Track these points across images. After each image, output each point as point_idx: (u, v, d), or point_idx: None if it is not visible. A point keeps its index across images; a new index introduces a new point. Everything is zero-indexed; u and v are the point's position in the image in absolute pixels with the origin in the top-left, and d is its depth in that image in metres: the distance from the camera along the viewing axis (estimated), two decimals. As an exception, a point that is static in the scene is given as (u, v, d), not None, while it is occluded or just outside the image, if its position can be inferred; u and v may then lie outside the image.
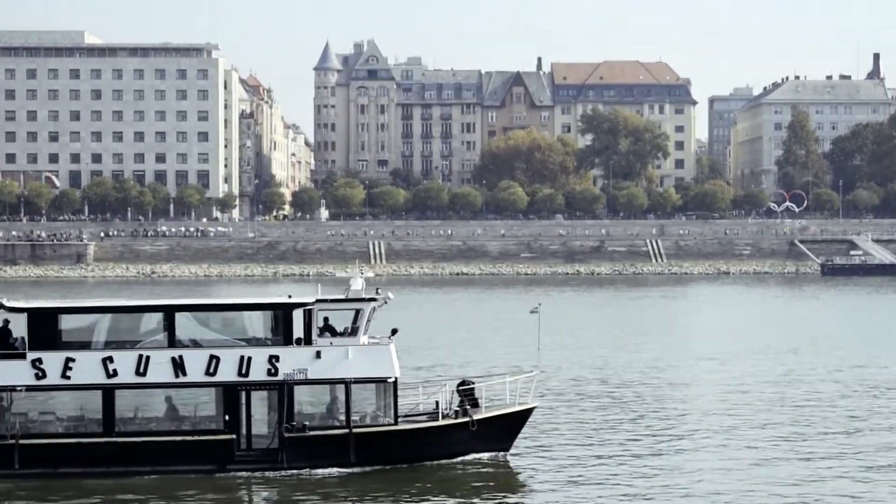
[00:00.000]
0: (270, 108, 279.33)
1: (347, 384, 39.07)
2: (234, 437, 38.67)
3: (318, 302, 39.63)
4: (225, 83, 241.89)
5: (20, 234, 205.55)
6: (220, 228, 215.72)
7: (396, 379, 39.51)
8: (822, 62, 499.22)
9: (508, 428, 40.77)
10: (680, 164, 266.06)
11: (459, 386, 40.92)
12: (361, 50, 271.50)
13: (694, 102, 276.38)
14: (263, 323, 40.55)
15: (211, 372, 38.90)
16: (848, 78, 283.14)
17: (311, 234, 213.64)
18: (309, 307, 39.62)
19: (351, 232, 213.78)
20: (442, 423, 40.05)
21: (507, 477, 39.17)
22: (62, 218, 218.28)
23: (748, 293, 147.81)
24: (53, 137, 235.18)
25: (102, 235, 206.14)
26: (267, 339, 39.99)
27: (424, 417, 40.67)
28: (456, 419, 40.14)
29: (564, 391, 57.47)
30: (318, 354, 39.18)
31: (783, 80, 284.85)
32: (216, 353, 39.01)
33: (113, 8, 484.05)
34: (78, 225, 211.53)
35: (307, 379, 39.08)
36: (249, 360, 38.90)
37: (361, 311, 39.80)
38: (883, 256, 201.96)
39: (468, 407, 40.25)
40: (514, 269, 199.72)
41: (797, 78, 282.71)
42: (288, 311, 39.71)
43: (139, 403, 39.46)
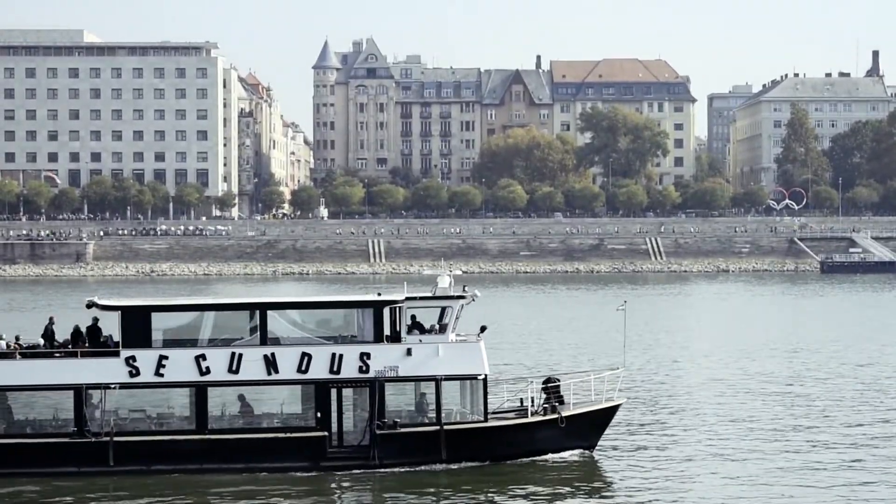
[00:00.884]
0: (269, 106, 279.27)
1: (438, 381, 39.17)
2: (325, 434, 38.78)
3: (407, 300, 39.80)
4: (224, 82, 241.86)
5: (19, 233, 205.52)
6: (219, 227, 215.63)
7: (486, 376, 39.61)
8: (821, 59, 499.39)
9: (595, 425, 40.94)
10: (679, 161, 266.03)
11: (545, 383, 41.06)
12: (360, 48, 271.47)
13: (693, 100, 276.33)
14: (354, 320, 40.50)
15: (303, 369, 39.03)
16: (847, 75, 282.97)
17: (310, 232, 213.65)
18: (398, 305, 39.83)
19: (350, 230, 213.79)
20: (531, 419, 40.15)
21: (594, 474, 39.29)
22: (61, 217, 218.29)
23: (771, 292, 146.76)
24: (53, 136, 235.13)
25: (102, 234, 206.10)
26: (358, 336, 40.06)
27: (512, 414, 40.85)
28: (544, 416, 40.25)
29: (646, 388, 57.37)
30: (408, 352, 39.34)
31: (782, 77, 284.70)
32: (308, 350, 39.14)
33: (112, 7, 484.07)
34: (77, 224, 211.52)
35: (398, 376, 39.25)
36: (341, 357, 39.11)
37: (450, 308, 39.93)
38: (882, 254, 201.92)
39: (556, 404, 40.49)
40: (513, 267, 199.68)
41: (796, 75, 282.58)
42: (379, 308, 39.79)
43: (231, 401, 39.63)
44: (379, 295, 40.57)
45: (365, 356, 39.10)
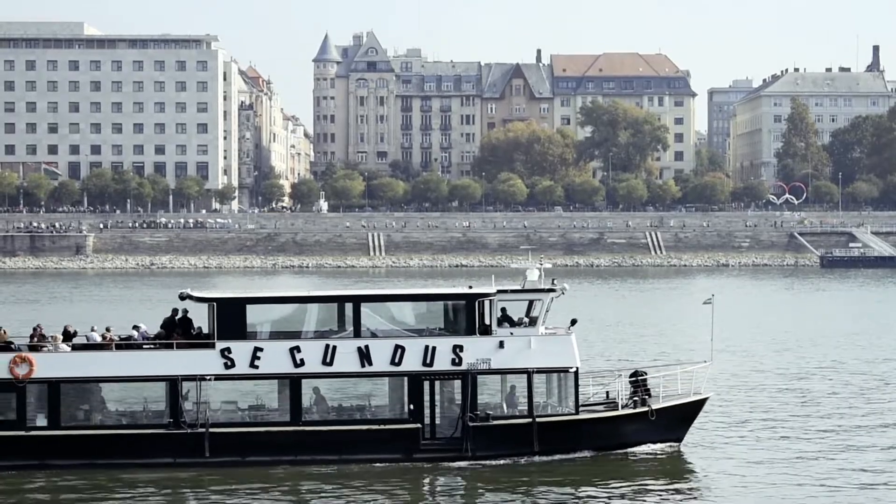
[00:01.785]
0: (270, 99, 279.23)
1: (530, 374, 39.39)
2: (419, 426, 39.02)
3: (499, 292, 40.03)
4: (224, 75, 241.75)
5: (19, 225, 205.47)
6: (219, 220, 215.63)
7: (577, 369, 39.93)
8: (821, 54, 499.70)
9: (683, 418, 41.23)
10: (679, 156, 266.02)
11: (632, 376, 41.36)
12: (361, 42, 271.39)
13: (693, 94, 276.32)
14: (447, 313, 40.74)
15: (396, 362, 39.24)
16: (847, 70, 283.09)
17: (310, 225, 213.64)
18: (490, 297, 39.96)
19: (350, 224, 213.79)
20: (622, 412, 40.50)
21: (682, 466, 39.53)
22: (61, 209, 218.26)
23: (800, 286, 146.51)
24: (53, 129, 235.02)
25: (101, 227, 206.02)
26: (450, 329, 40.29)
27: (601, 407, 41.16)
28: (635, 409, 40.60)
29: (729, 381, 57.38)
30: (501, 344, 39.49)
31: (783, 72, 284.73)
32: (401, 342, 39.38)
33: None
34: (77, 216, 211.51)
35: (490, 369, 39.42)
36: (434, 349, 39.28)
37: (541, 301, 40.18)
38: (882, 249, 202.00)
39: (646, 397, 40.78)
40: (513, 260, 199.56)
41: (797, 70, 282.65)
42: (471, 301, 39.98)
43: (325, 393, 39.84)
44: (470, 288, 40.90)
45: (458, 349, 39.30)
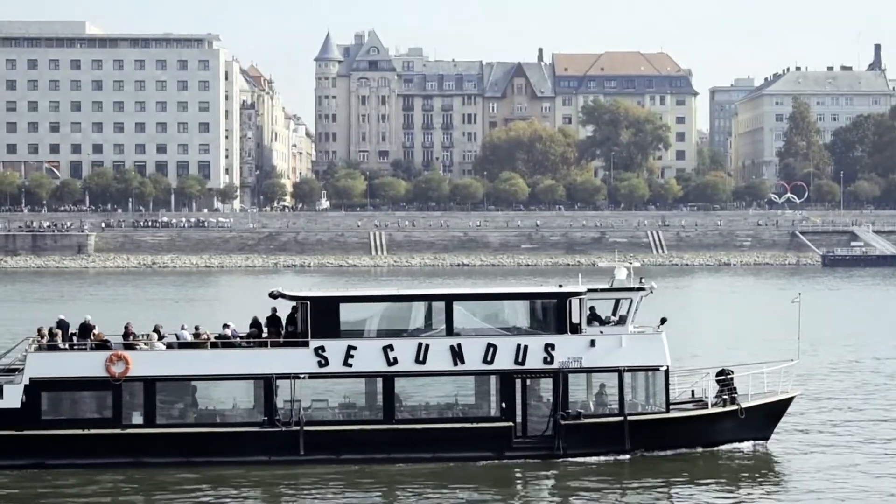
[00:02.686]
0: (271, 98, 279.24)
1: (621, 372, 39.67)
2: (511, 424, 39.19)
3: (589, 291, 40.31)
4: (226, 74, 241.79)
5: (21, 224, 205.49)
6: (221, 219, 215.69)
7: (668, 367, 40.06)
8: (823, 53, 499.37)
9: (771, 416, 41.48)
10: (681, 155, 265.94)
11: (718, 375, 41.51)
12: (362, 41, 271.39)
13: (695, 93, 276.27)
14: (538, 312, 40.96)
15: (488, 360, 39.41)
16: (849, 69, 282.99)
17: (312, 224, 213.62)
18: (581, 296, 40.12)
19: (352, 223, 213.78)
20: (712, 410, 40.67)
21: (770, 465, 39.80)
22: (63, 208, 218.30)
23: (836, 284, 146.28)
24: (54, 128, 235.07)
25: (103, 226, 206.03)
26: (540, 327, 40.46)
27: (690, 405, 41.32)
28: (724, 407, 40.75)
29: (815, 380, 57.39)
30: (592, 343, 39.75)
31: (784, 71, 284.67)
32: (493, 341, 39.52)
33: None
34: (79, 215, 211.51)
35: (581, 367, 39.67)
36: (526, 348, 39.45)
37: (631, 300, 40.41)
38: (884, 248, 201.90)
39: (735, 395, 40.97)
40: (514, 259, 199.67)
41: (798, 69, 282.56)
42: (563, 300, 40.13)
43: (418, 391, 40.16)
44: (560, 287, 41.11)
45: (549, 347, 39.50)
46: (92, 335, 39.70)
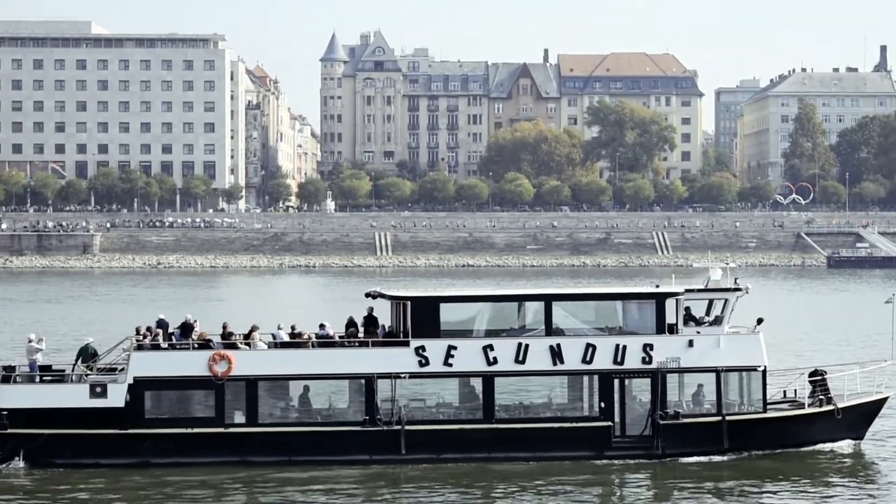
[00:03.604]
0: (277, 99, 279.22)
1: (719, 372, 39.87)
2: (610, 424, 39.45)
3: (687, 291, 40.64)
4: (231, 74, 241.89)
5: (26, 224, 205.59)
6: (226, 219, 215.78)
7: (766, 367, 40.30)
8: (828, 54, 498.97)
9: (866, 416, 41.59)
10: (686, 156, 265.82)
11: (811, 375, 41.68)
12: (368, 41, 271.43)
13: (700, 94, 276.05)
14: (636, 312, 41.05)
15: (587, 360, 39.70)
16: (855, 70, 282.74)
17: (317, 225, 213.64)
18: (678, 297, 40.38)
19: (357, 223, 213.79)
20: (809, 410, 40.86)
21: (866, 465, 39.90)
22: (68, 208, 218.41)
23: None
24: (60, 128, 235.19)
25: (108, 226, 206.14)
26: (637, 328, 40.57)
27: (786, 405, 41.55)
28: (820, 407, 40.91)
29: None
30: (690, 343, 39.95)
31: (790, 72, 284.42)
32: (592, 341, 39.85)
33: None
34: (84, 215, 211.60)
35: (680, 367, 39.87)
36: (624, 348, 39.73)
37: (725, 300, 40.70)
38: (889, 249, 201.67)
39: (831, 395, 41.09)
40: (519, 260, 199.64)
41: (804, 70, 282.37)
42: (661, 300, 40.38)
43: (518, 391, 40.23)
44: (657, 287, 41.44)
45: (648, 347, 39.74)
46: (193, 334, 40.14)
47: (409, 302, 40.06)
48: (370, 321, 40.72)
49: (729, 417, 39.68)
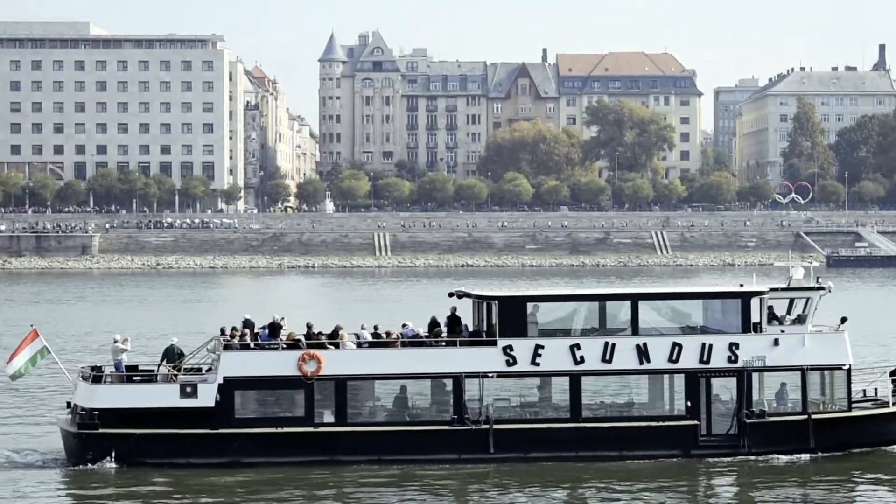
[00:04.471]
0: (275, 99, 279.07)
1: (804, 371, 40.02)
2: (697, 423, 39.60)
3: (771, 290, 40.81)
4: (230, 74, 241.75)
5: (25, 225, 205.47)
6: (225, 220, 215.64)
7: (850, 366, 40.37)
8: (827, 53, 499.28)
9: None
10: (685, 155, 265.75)
11: (892, 374, 41.65)
12: (366, 41, 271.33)
13: (699, 94, 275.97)
14: (721, 311, 41.24)
15: (673, 359, 39.88)
16: (854, 69, 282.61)
17: (316, 225, 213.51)
18: (763, 296, 40.58)
19: (356, 224, 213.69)
20: (894, 409, 40.83)
21: None
22: (67, 209, 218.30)
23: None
24: (58, 129, 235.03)
25: (107, 227, 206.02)
26: (722, 326, 40.76)
27: (868, 404, 41.57)
28: None
29: None
30: (775, 342, 40.12)
31: (789, 71, 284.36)
32: (679, 340, 40.01)
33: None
34: (83, 216, 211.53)
35: (765, 366, 40.01)
36: (710, 347, 39.85)
37: (808, 299, 40.82)
38: (888, 248, 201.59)
39: None
40: (518, 260, 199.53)
41: (803, 69, 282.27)
42: (746, 299, 40.50)
43: (604, 390, 40.58)
44: (742, 286, 41.47)
45: (734, 346, 39.86)
46: (281, 334, 40.32)
47: (496, 301, 40.18)
48: (454, 321, 40.79)
49: (815, 416, 39.82)
